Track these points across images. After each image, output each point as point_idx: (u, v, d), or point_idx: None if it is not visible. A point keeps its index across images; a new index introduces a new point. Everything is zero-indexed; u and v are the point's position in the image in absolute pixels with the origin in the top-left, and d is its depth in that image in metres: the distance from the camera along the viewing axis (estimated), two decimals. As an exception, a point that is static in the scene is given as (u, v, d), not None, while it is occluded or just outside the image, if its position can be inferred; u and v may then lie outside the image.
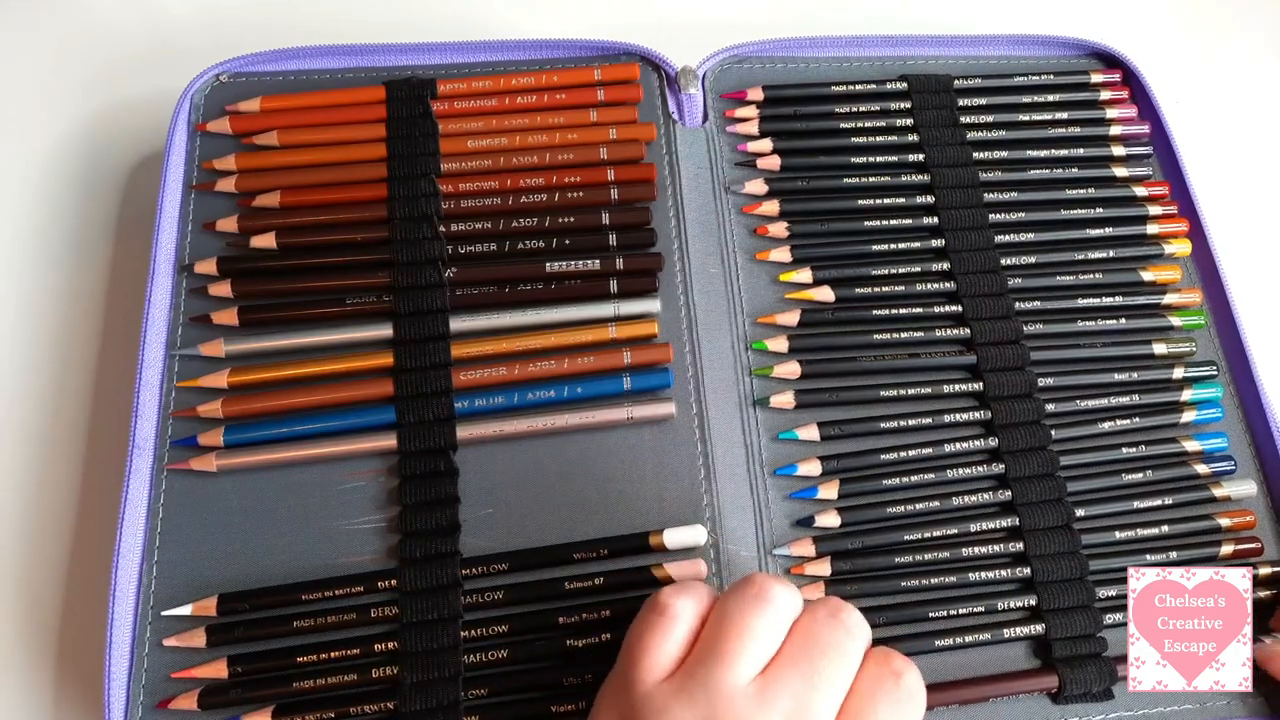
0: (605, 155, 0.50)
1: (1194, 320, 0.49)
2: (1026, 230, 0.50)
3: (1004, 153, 0.52)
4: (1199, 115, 0.61)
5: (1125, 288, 0.50)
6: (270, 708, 0.39)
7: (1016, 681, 0.42)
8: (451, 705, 0.39)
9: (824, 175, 0.51)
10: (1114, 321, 0.49)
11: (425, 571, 0.41)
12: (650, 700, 0.33)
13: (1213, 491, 0.46)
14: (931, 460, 0.45)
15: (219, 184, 0.48)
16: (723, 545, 0.43)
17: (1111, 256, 0.50)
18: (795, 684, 0.33)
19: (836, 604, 0.35)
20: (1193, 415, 0.47)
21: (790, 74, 0.54)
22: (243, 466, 0.43)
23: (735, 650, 0.33)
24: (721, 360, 0.47)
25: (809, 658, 0.33)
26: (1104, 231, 0.50)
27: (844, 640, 0.34)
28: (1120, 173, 0.52)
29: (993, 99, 0.54)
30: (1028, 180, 0.52)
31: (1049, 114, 0.53)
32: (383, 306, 0.46)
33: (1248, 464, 0.47)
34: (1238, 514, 0.45)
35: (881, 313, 0.48)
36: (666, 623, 0.35)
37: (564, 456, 0.45)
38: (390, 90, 0.51)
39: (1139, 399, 0.47)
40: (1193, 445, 0.46)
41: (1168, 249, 0.50)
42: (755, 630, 0.34)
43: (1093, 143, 0.53)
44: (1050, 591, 0.43)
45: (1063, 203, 0.51)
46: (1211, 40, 0.65)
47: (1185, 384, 0.48)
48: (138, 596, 0.41)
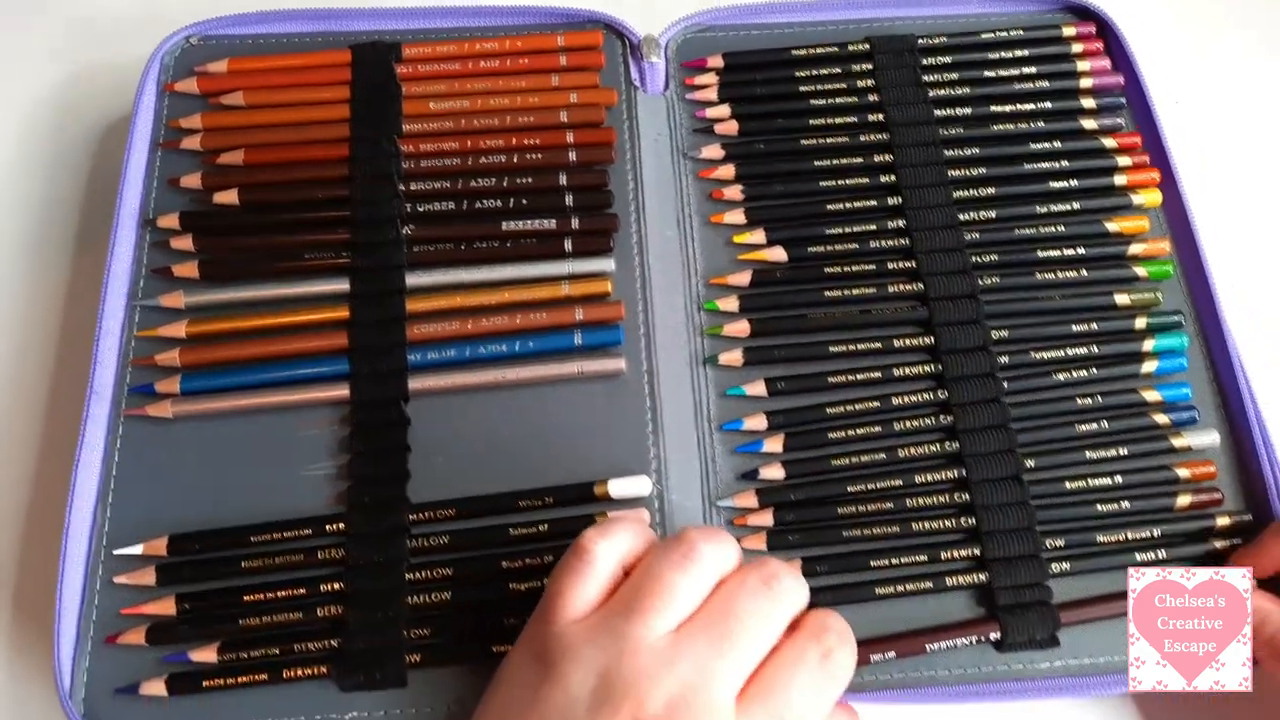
0: (565, 119, 0.51)
1: (1161, 270, 0.49)
2: (987, 185, 0.50)
3: (967, 109, 0.52)
4: (1179, 70, 0.61)
5: (1088, 239, 0.49)
6: (216, 644, 0.40)
7: (956, 631, 0.42)
8: (395, 645, 0.40)
9: (782, 138, 0.52)
10: (1075, 273, 0.48)
11: (373, 516, 0.42)
12: (562, 638, 0.34)
13: (1172, 442, 0.45)
14: (878, 414, 0.46)
15: (184, 142, 0.50)
16: (667, 496, 0.44)
17: (1075, 209, 0.50)
18: (702, 647, 0.33)
19: (773, 569, 0.35)
20: (1155, 365, 0.47)
21: (754, 42, 0.55)
22: (198, 414, 0.44)
23: (652, 606, 0.34)
24: (674, 319, 0.48)
25: (724, 622, 0.34)
26: (1068, 184, 0.50)
27: (767, 607, 0.34)
28: (1090, 125, 0.52)
29: (958, 56, 0.54)
30: (991, 135, 0.52)
31: (1016, 69, 0.53)
32: (340, 262, 0.47)
33: (1212, 415, 0.46)
34: (1198, 464, 0.45)
35: (833, 270, 0.48)
36: (585, 567, 0.35)
37: (515, 409, 0.45)
38: (356, 54, 0.52)
39: (1097, 350, 0.47)
40: (1153, 395, 0.46)
41: (1136, 199, 0.50)
42: (676, 588, 0.34)
43: (1062, 96, 0.53)
44: (995, 541, 0.43)
45: (1026, 156, 0.51)
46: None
47: (1148, 334, 0.47)
48: (91, 536, 0.42)
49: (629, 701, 0.32)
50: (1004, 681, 0.42)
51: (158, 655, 0.40)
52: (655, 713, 0.32)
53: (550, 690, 0.33)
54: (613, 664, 0.33)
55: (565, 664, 0.33)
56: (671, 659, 0.33)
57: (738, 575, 0.35)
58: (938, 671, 0.42)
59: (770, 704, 0.33)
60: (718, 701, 0.32)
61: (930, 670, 0.42)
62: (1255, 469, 0.45)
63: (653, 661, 0.33)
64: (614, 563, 0.36)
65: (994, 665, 0.42)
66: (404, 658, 0.40)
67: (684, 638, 0.33)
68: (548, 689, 0.33)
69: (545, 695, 0.33)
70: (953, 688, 0.41)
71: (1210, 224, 0.50)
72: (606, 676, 0.33)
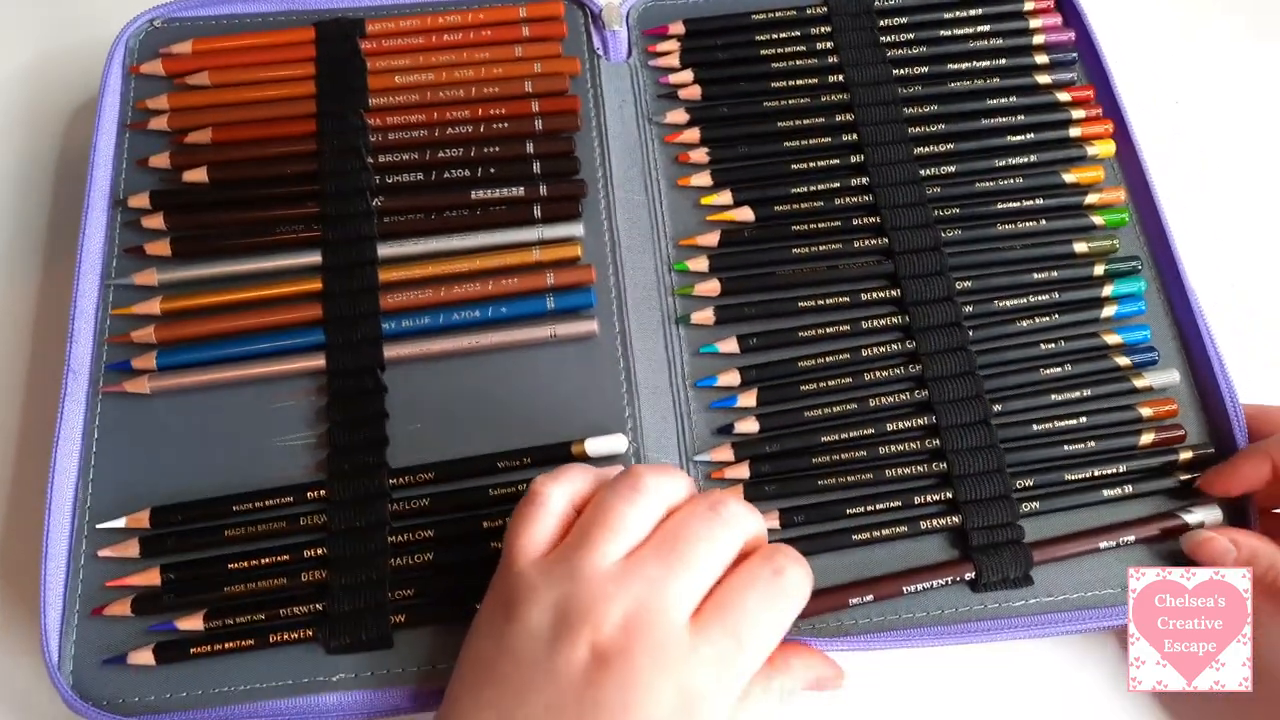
0: (530, 89, 0.51)
1: (1117, 218, 0.50)
2: (947, 141, 0.51)
3: (925, 68, 0.53)
4: (1176, 66, 0.62)
5: (1046, 190, 0.50)
6: (202, 612, 0.41)
7: (931, 573, 0.43)
8: (379, 605, 0.41)
9: (745, 101, 0.52)
10: (1034, 223, 0.49)
11: (353, 482, 0.43)
12: (522, 578, 0.35)
13: (1134, 383, 0.46)
14: (849, 365, 0.46)
15: (152, 122, 0.50)
16: (644, 453, 0.45)
17: (1032, 161, 0.51)
18: (653, 568, 0.34)
19: (719, 496, 0.36)
20: (1114, 309, 0.48)
21: (713, 8, 0.55)
22: (175, 388, 0.45)
23: (602, 536, 0.34)
24: (644, 281, 0.49)
25: (672, 544, 0.35)
26: (1025, 138, 0.51)
27: (716, 530, 0.35)
28: (1044, 80, 0.53)
29: (914, 17, 0.54)
30: (949, 93, 0.53)
31: (971, 28, 0.54)
32: (311, 235, 0.47)
33: (1172, 355, 0.48)
34: (1159, 403, 0.46)
35: (800, 228, 0.49)
36: (537, 509, 0.36)
37: (489, 374, 0.46)
38: (320, 30, 0.52)
39: (1059, 296, 0.48)
40: (1114, 339, 0.47)
41: (1090, 150, 0.51)
42: (625, 518, 0.35)
43: (1015, 53, 0.54)
44: (966, 484, 0.44)
45: (983, 112, 0.52)
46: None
47: (1107, 279, 0.48)
48: (74, 513, 0.43)
49: (586, 626, 0.33)
50: (981, 620, 0.42)
51: (144, 625, 0.41)
52: (611, 634, 0.33)
53: (513, 629, 0.34)
54: (568, 594, 0.34)
55: (525, 603, 0.34)
56: (624, 581, 0.34)
57: (687, 504, 0.36)
58: (916, 613, 0.42)
59: (725, 621, 0.34)
60: (672, 618, 0.33)
61: (909, 612, 0.42)
62: (1216, 404, 0.46)
63: (606, 585, 0.33)
64: (565, 502, 0.37)
65: (971, 605, 0.43)
66: (388, 619, 0.41)
67: (635, 561, 0.34)
68: (511, 629, 0.34)
69: (510, 635, 0.34)
70: (931, 628, 0.42)
71: (1209, 225, 0.52)
72: (562, 606, 0.33)
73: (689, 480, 0.37)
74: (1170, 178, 0.52)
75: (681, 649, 0.33)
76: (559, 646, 0.33)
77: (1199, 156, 0.58)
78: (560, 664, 0.33)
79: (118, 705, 0.40)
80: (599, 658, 0.32)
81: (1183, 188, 0.55)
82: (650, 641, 0.33)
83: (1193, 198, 0.55)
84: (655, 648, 0.33)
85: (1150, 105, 0.57)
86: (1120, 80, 0.52)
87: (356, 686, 0.40)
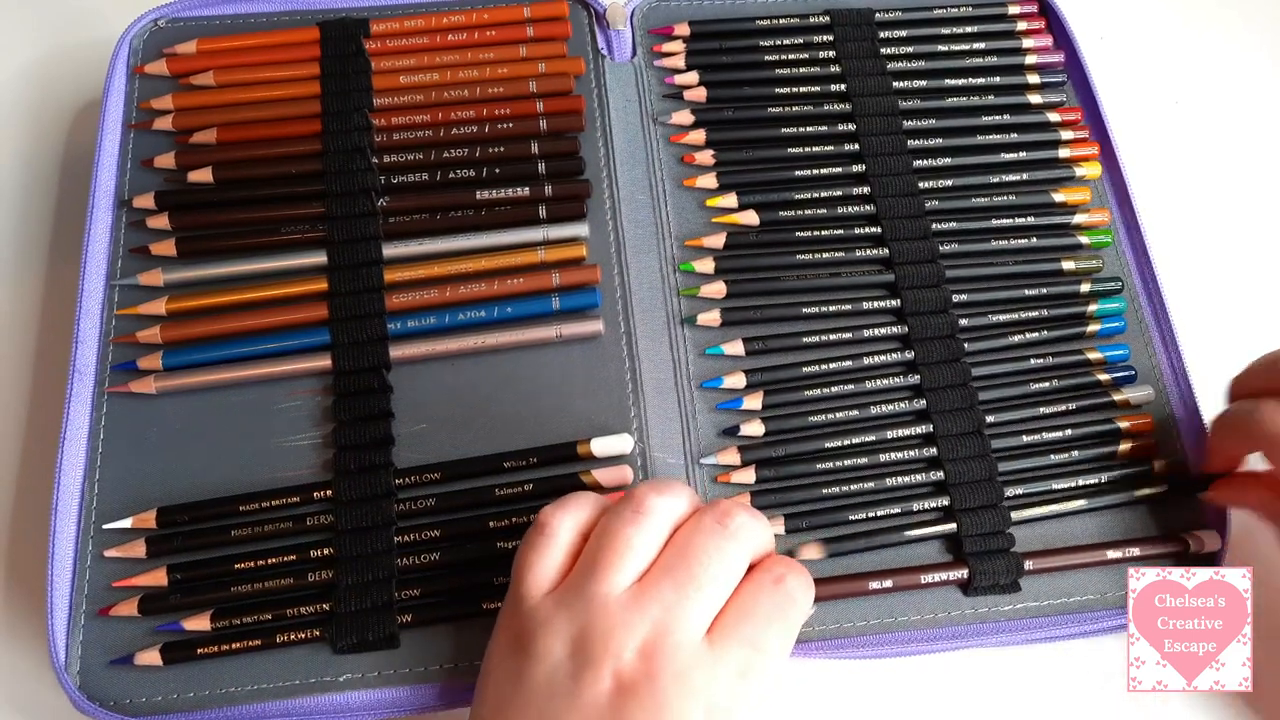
0: (534, 88, 0.51)
1: (1101, 239, 0.51)
2: (944, 155, 0.52)
3: (923, 82, 0.53)
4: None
5: (1037, 208, 0.51)
6: (209, 612, 0.41)
7: (927, 573, 0.43)
8: (385, 605, 0.41)
9: (749, 105, 0.53)
10: (1026, 240, 0.50)
11: (360, 482, 0.43)
12: (535, 613, 0.35)
13: (1113, 397, 0.47)
14: (851, 372, 0.47)
15: (156, 123, 0.50)
16: (649, 453, 0.45)
17: (1024, 179, 0.52)
18: (666, 591, 0.34)
19: (725, 508, 0.36)
20: (1098, 327, 0.49)
21: (717, 10, 0.55)
22: (181, 388, 0.45)
23: (610, 563, 0.34)
24: (650, 281, 0.49)
25: (684, 564, 0.34)
26: (1017, 156, 0.52)
27: (724, 544, 0.35)
28: (1035, 100, 0.54)
29: (913, 31, 0.55)
30: (945, 108, 0.53)
31: (967, 45, 0.55)
32: (317, 235, 0.47)
33: (1151, 372, 0.49)
34: (1136, 418, 0.47)
35: (804, 234, 0.50)
36: (545, 541, 0.36)
37: (495, 374, 0.46)
38: (324, 31, 0.52)
39: (1047, 313, 0.49)
40: (1095, 355, 0.48)
41: (1078, 171, 0.52)
42: (631, 544, 0.35)
43: (1008, 72, 0.54)
44: (961, 493, 0.44)
45: (979, 129, 0.53)
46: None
47: (1091, 298, 0.49)
48: (80, 514, 0.43)
49: (607, 656, 0.33)
50: (970, 624, 0.43)
51: (151, 626, 0.41)
52: (633, 662, 0.33)
53: (532, 669, 0.34)
54: (583, 626, 0.33)
55: (540, 638, 0.34)
56: (638, 607, 0.33)
57: (692, 519, 0.36)
58: (909, 617, 0.43)
59: (740, 633, 0.34)
60: (689, 640, 0.33)
61: (903, 616, 0.43)
62: (1187, 419, 0.47)
63: (620, 613, 0.33)
64: (572, 532, 0.36)
65: (962, 610, 0.43)
66: (395, 618, 0.41)
67: (647, 586, 0.34)
68: (529, 668, 0.34)
69: (529, 676, 0.34)
70: (922, 632, 0.43)
71: (1209, 225, 0.53)
72: (580, 639, 0.33)
73: (690, 492, 0.37)
74: (1171, 178, 0.53)
75: (703, 668, 0.33)
76: (582, 679, 0.33)
77: (1199, 157, 0.58)
78: (586, 696, 0.32)
79: (124, 706, 0.40)
80: (623, 687, 0.32)
81: (1182, 189, 0.56)
82: (672, 665, 0.33)
83: (1192, 199, 0.56)
84: (678, 671, 0.33)
85: (1150, 106, 0.58)
86: (1120, 80, 0.53)
87: (363, 686, 0.40)
